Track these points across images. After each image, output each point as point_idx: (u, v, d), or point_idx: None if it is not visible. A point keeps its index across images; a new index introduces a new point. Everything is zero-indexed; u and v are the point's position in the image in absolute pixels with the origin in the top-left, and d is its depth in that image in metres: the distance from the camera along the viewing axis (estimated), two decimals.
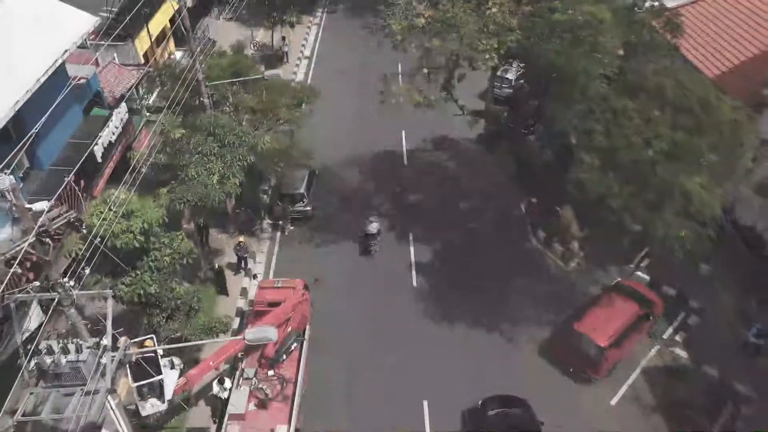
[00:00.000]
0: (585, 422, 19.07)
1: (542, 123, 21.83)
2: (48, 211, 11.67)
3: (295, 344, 19.41)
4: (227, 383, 18.87)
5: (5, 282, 11.35)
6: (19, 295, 12.13)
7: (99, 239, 14.51)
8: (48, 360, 12.02)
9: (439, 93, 22.97)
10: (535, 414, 18.31)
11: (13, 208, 11.26)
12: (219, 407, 19.04)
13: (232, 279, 23.51)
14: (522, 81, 23.04)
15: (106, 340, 12.37)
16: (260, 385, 18.40)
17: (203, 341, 17.40)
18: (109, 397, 13.76)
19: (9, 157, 12.31)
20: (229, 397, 18.34)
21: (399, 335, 21.71)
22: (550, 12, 19.44)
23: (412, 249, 25.49)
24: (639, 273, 23.93)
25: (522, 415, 18.23)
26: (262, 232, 26.22)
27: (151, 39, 32.17)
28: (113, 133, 24.41)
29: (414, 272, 24.49)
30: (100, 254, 14.94)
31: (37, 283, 12.40)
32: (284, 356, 19.06)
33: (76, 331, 12.71)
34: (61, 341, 12.26)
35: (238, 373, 18.99)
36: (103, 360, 12.38)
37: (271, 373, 18.77)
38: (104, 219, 14.90)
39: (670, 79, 16.88)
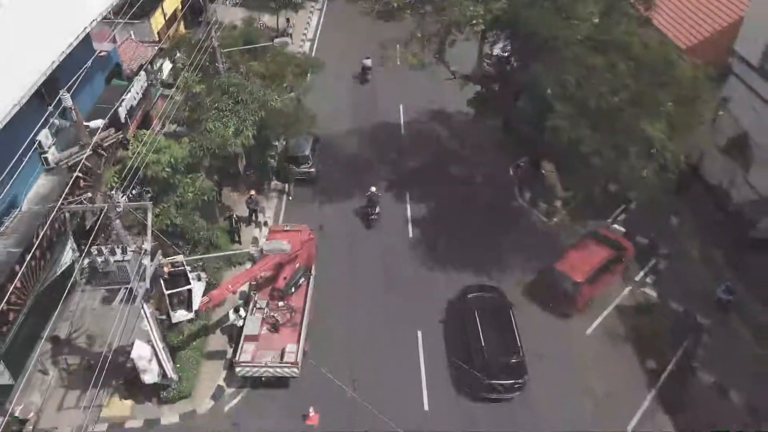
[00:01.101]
0: (562, 349, 21.33)
1: (526, 89, 23.96)
2: (100, 131, 13.85)
3: (302, 279, 21.65)
4: (242, 312, 21.09)
5: (66, 190, 13.51)
6: (74, 206, 14.31)
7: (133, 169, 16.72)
8: (99, 259, 14.18)
9: (433, 57, 25.13)
10: (506, 297, 21.57)
11: (74, 125, 13.39)
12: (234, 334, 21.25)
13: (244, 230, 25.67)
14: (509, 51, 25.09)
15: (146, 245, 14.58)
16: (272, 314, 20.65)
17: (224, 252, 19.46)
18: (144, 306, 16.08)
19: (46, 115, 14.46)
20: (244, 324, 20.57)
21: (396, 278, 23.93)
22: None
23: (408, 206, 27.71)
24: (615, 226, 26.15)
25: (495, 297, 21.58)
26: (270, 191, 28.38)
27: (165, 18, 34.42)
28: (134, 98, 26.62)
29: (410, 226, 26.72)
30: (133, 186, 17.17)
31: (89, 194, 14.57)
32: (293, 289, 21.27)
33: (120, 240, 14.90)
34: (108, 245, 14.46)
35: (251, 303, 21.23)
36: (144, 261, 14.60)
37: (281, 303, 21.00)
38: (138, 153, 17.08)
39: (636, 38, 19.13)
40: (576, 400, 19.65)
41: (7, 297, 15.80)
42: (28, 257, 17.18)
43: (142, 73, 27.93)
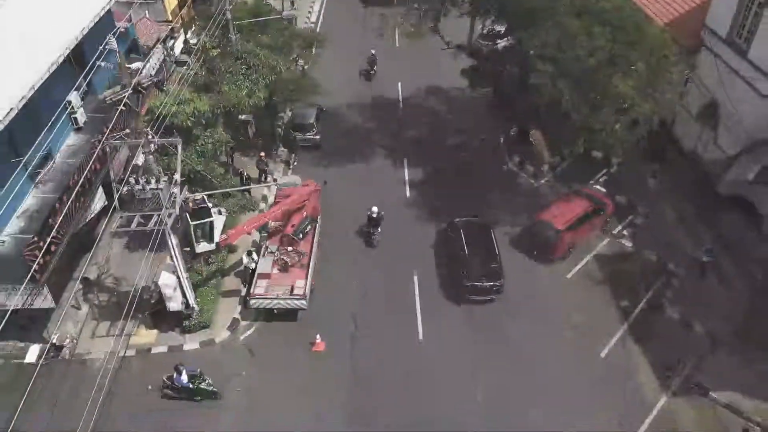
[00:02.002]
0: (545, 290, 23.54)
1: (513, 57, 26.12)
2: (139, 73, 16.02)
3: (309, 227, 23.83)
4: (254, 256, 23.28)
5: (110, 125, 15.68)
6: (115, 141, 16.49)
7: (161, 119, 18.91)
8: (137, 187, 16.35)
9: (429, 29, 27.35)
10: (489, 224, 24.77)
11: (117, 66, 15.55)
12: (248, 276, 23.41)
13: (254, 189, 27.81)
14: (498, 24, 27.23)
15: (177, 176, 16.76)
16: (282, 256, 22.82)
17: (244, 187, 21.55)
18: (171, 237, 18.28)
19: (79, 80, 16.59)
20: (256, 266, 22.75)
21: (393, 228, 26.07)
22: None
23: (406, 170, 29.89)
24: (597, 186, 28.33)
25: (479, 221, 24.93)
26: (277, 156, 30.52)
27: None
28: (153, 69, 28.80)
29: (408, 187, 28.92)
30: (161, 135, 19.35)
31: (128, 130, 16.76)
32: (301, 235, 23.44)
33: (152, 172, 17.06)
34: (144, 176, 16.64)
35: (263, 248, 23.43)
36: (174, 190, 16.78)
37: (290, 248, 23.17)
38: (164, 104, 19.26)
39: (610, 4, 21.32)
40: (556, 329, 21.84)
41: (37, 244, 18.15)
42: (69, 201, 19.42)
43: (159, 46, 30.14)
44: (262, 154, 27.76)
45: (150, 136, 16.37)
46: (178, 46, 34.73)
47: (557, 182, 28.90)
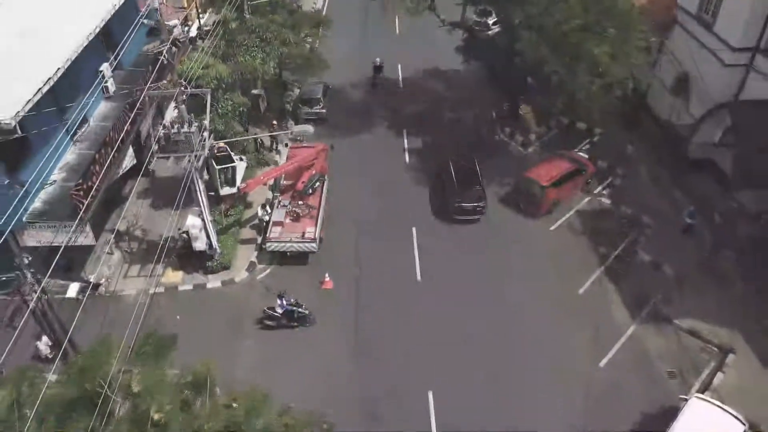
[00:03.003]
0: (530, 240, 26.10)
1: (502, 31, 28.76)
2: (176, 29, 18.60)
3: (318, 183, 26.42)
4: (268, 209, 25.87)
5: (150, 78, 18.29)
6: (152, 92, 19.09)
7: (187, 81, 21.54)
8: (173, 129, 18.95)
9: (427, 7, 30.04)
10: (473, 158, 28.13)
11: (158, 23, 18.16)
12: (262, 228, 25.99)
13: (267, 154, 30.40)
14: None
15: (206, 122, 19.37)
16: (293, 208, 25.42)
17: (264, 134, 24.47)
18: (197, 179, 20.90)
19: (112, 59, 19.27)
20: (270, 216, 25.35)
21: (393, 189, 28.66)
22: None
23: (405, 140, 32.48)
24: (580, 153, 30.90)
25: (466, 156, 28.68)
26: (287, 128, 33.15)
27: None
28: (174, 46, 31.48)
29: (407, 155, 31.53)
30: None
31: (165, 81, 19.37)
32: (310, 191, 26.04)
33: (184, 119, 19.67)
34: (177, 122, 19.25)
35: (276, 202, 26.03)
36: (204, 134, 19.38)
37: (300, 202, 25.77)
38: (191, 66, 21.88)
39: None
40: (540, 270, 24.40)
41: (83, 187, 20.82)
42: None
43: (178, 25, 32.79)
44: (274, 122, 30.37)
45: (183, 87, 18.97)
46: (193, 31, 37.43)
47: (544, 150, 31.44)
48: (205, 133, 19.46)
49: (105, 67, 26.20)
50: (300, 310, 21.71)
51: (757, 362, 20.51)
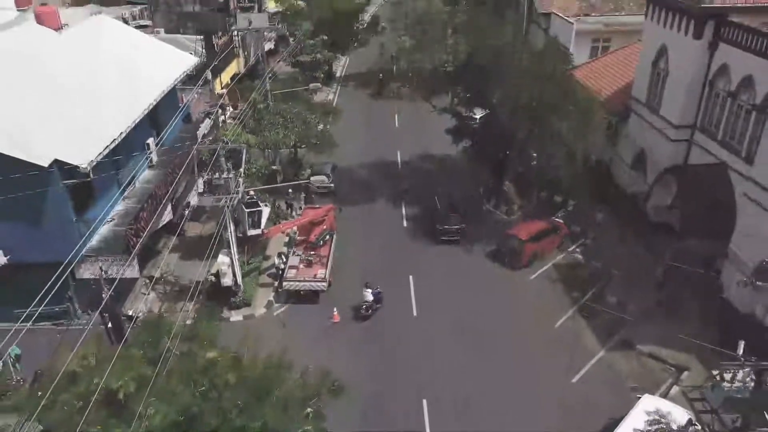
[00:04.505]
0: (512, 288, 29.90)
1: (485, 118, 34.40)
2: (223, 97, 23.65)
3: (327, 236, 30.65)
4: (284, 258, 29.92)
5: (200, 139, 23.11)
6: (201, 146, 23.86)
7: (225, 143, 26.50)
8: (215, 176, 23.48)
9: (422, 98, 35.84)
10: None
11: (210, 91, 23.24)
12: (278, 275, 29.84)
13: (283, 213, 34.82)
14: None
15: (242, 169, 23.97)
16: (306, 257, 29.48)
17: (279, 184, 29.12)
18: (230, 221, 25.23)
19: (161, 137, 24.79)
20: (286, 263, 29.33)
21: (393, 245, 32.80)
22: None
23: (403, 209, 37.03)
24: (556, 219, 35.35)
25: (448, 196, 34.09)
26: (299, 201, 37.84)
27: (221, 85, 45.72)
28: (206, 128, 36.97)
29: (405, 220, 36.01)
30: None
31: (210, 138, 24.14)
32: (321, 242, 30.21)
33: (223, 168, 24.29)
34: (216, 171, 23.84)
35: (291, 252, 30.13)
36: (239, 180, 23.93)
37: (312, 252, 29.86)
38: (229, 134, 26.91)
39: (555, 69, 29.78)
40: (522, 309, 28.01)
41: (135, 227, 25.24)
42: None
43: (210, 115, 38.57)
44: (290, 190, 35.13)
45: (224, 142, 23.76)
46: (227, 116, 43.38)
47: (525, 217, 35.91)
48: (240, 179, 24.02)
49: (151, 141, 31.41)
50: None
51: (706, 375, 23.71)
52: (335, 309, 27.50)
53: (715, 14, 27.94)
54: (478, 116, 43.01)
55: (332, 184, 38.34)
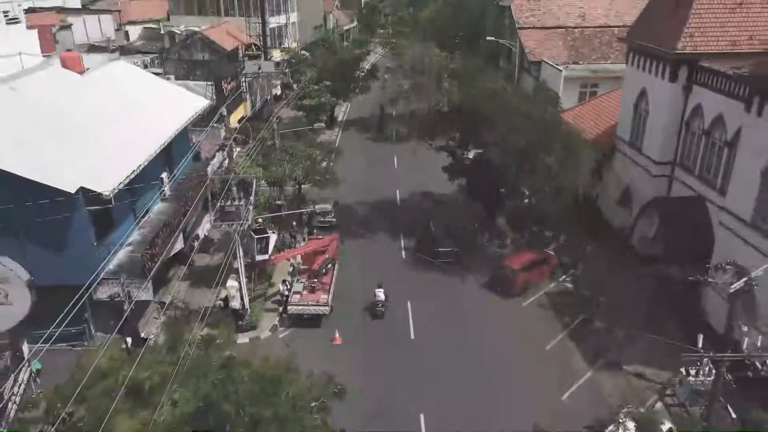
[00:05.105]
0: (506, 315, 31.40)
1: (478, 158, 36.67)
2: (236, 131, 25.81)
3: (329, 265, 32.31)
4: (288, 285, 31.52)
5: (219, 164, 25.16)
6: (216, 175, 25.86)
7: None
8: (228, 203, 25.37)
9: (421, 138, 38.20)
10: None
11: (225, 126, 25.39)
12: (282, 301, 31.36)
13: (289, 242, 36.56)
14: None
15: (251, 197, 25.87)
16: (310, 284, 31.09)
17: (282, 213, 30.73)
18: (239, 246, 27.04)
19: (174, 174, 27.05)
20: (291, 289, 30.92)
21: (392, 278, 34.33)
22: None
23: (402, 241, 38.78)
24: (546, 251, 37.09)
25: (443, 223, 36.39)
26: (303, 234, 39.66)
27: (228, 127, 48.16)
28: (218, 162, 39.12)
29: (403, 251, 37.73)
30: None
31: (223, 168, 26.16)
32: (324, 270, 31.85)
33: (234, 196, 26.21)
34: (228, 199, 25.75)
35: (295, 279, 31.74)
36: (249, 207, 25.82)
37: (315, 280, 31.48)
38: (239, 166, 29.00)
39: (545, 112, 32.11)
40: (515, 333, 29.44)
41: (150, 252, 26.99)
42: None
43: (218, 154, 40.82)
44: (294, 223, 37.01)
45: (235, 172, 25.77)
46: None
47: (518, 250, 37.69)
48: (250, 207, 25.91)
49: (164, 175, 33.48)
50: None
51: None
52: (337, 332, 28.93)
53: (687, 59, 30.47)
54: (471, 155, 45.51)
55: (335, 219, 40.22)
